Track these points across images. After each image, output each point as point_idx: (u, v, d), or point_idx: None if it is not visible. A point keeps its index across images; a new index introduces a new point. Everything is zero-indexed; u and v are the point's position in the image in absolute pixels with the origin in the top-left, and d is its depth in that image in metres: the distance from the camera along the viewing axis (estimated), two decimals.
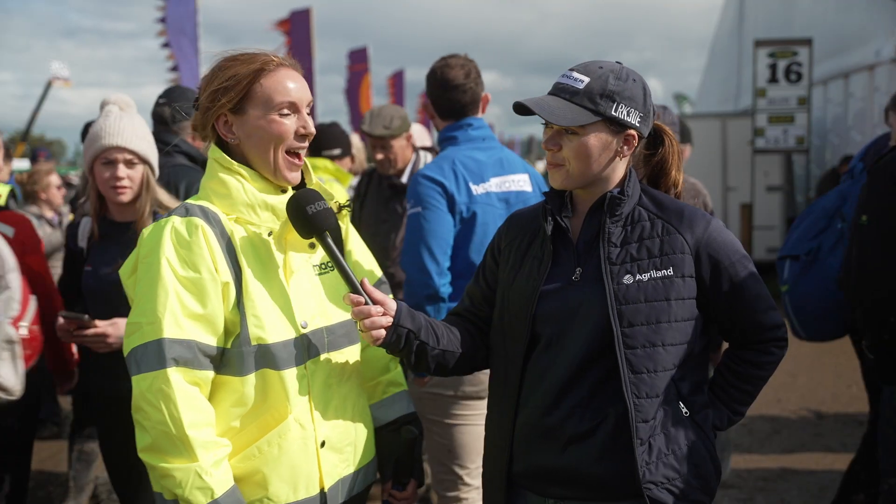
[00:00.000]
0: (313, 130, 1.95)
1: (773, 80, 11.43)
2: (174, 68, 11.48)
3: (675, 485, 1.90)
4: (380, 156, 4.25)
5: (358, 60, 18.16)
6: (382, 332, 1.93)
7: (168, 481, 1.77)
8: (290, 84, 1.91)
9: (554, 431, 1.95)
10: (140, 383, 1.78)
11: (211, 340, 1.84)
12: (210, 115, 1.92)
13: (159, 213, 2.91)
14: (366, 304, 1.92)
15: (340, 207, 2.05)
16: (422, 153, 4.36)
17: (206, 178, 1.98)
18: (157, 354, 1.77)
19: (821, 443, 5.61)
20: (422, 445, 2.18)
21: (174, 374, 1.77)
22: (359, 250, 2.22)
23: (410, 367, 2.08)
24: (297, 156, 1.94)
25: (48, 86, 15.58)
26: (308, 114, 1.95)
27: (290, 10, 13.52)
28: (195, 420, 1.77)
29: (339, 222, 2.05)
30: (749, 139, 11.94)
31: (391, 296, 2.11)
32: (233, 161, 1.93)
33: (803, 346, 2.13)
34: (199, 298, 1.82)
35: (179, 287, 1.81)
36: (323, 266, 2.03)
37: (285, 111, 1.90)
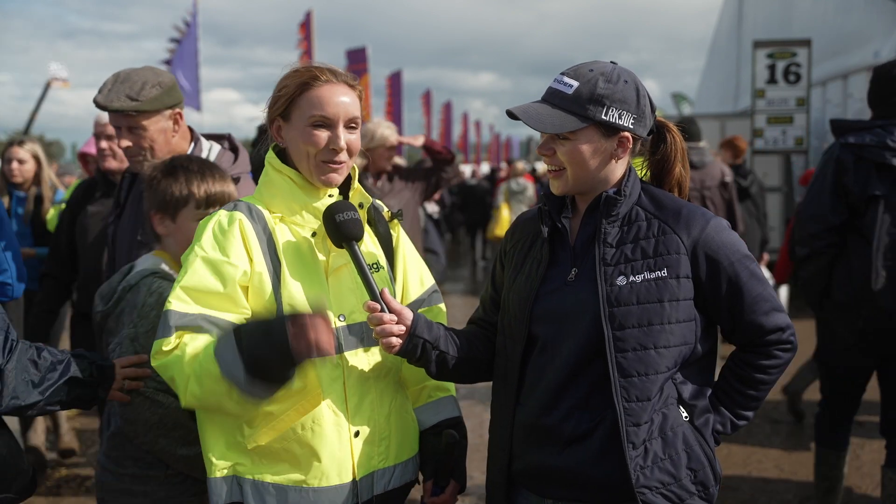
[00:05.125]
0: (342, 146, 2.03)
1: (771, 80, 11.43)
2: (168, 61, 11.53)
3: (671, 490, 1.89)
4: (125, 143, 2.80)
5: (357, 61, 18.17)
6: (394, 341, 1.97)
7: (203, 384, 1.86)
8: (331, 99, 2.01)
9: (552, 432, 1.94)
10: (153, 349, 1.96)
11: (227, 315, 1.96)
12: (268, 119, 2.08)
13: None
14: (381, 312, 1.96)
15: (393, 216, 2.24)
16: (206, 143, 2.97)
17: (261, 177, 2.13)
18: (164, 324, 1.95)
19: None
20: (465, 449, 2.22)
21: (174, 338, 1.93)
22: (410, 258, 2.28)
23: (432, 377, 2.12)
24: (332, 164, 2.03)
25: (47, 87, 15.61)
26: (351, 128, 2.05)
27: (303, 13, 13.58)
28: (198, 347, 1.91)
29: (391, 230, 2.23)
30: (748, 140, 11.95)
31: (442, 306, 2.27)
32: (283, 164, 2.07)
33: (801, 347, 2.12)
34: (221, 279, 1.96)
35: (204, 267, 1.96)
36: (369, 266, 2.10)
37: (318, 123, 2.01)
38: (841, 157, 3.64)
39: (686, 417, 1.94)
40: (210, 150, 2.93)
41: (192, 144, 2.92)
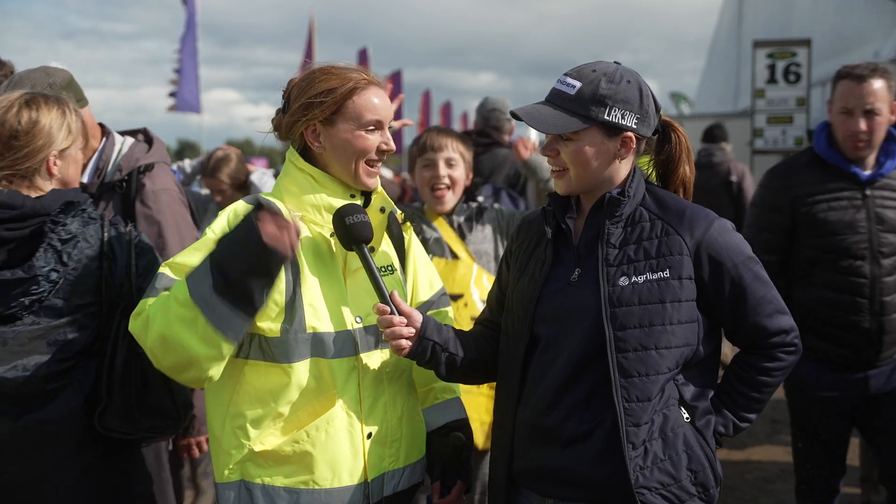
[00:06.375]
0: (393, 147, 2.10)
1: (771, 80, 11.43)
2: (176, 70, 11.54)
3: (671, 491, 1.89)
4: None
5: (359, 62, 18.26)
6: (404, 343, 1.98)
7: (169, 314, 1.82)
8: (377, 101, 2.06)
9: (552, 432, 1.94)
10: (138, 306, 1.95)
11: None
12: (300, 123, 2.05)
13: None
14: (391, 314, 1.96)
15: (406, 218, 2.25)
16: (120, 138, 2.95)
17: (280, 176, 2.13)
18: (152, 286, 1.95)
19: None
20: (470, 451, 2.23)
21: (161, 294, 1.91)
22: (421, 261, 2.29)
23: (441, 378, 2.13)
24: (376, 165, 2.09)
25: None
26: (389, 129, 2.11)
27: (304, 13, 13.71)
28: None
29: (403, 233, 2.24)
30: (748, 140, 11.95)
31: (450, 309, 2.27)
32: (306, 164, 2.07)
33: None
34: None
35: (205, 245, 1.92)
36: (383, 269, 2.12)
37: (371, 127, 2.05)
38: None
39: (687, 418, 1.94)
40: (123, 143, 2.91)
41: (104, 140, 2.88)
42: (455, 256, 3.09)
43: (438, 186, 3.06)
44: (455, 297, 2.97)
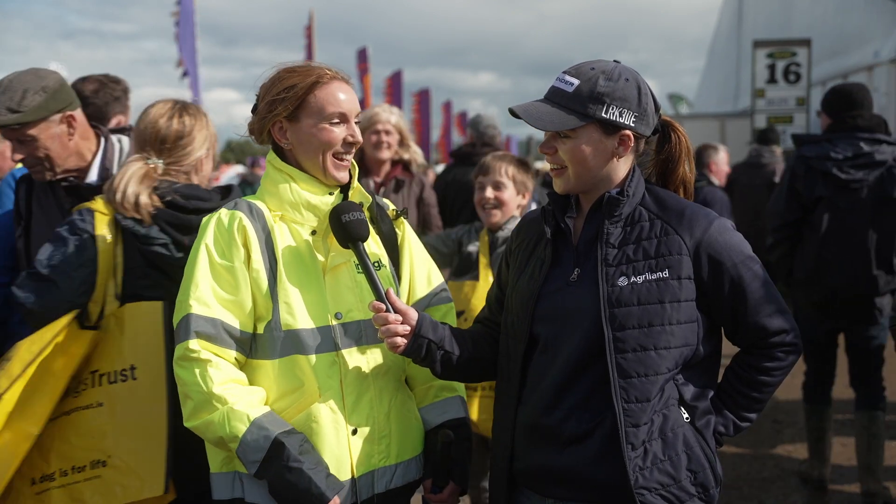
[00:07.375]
0: (360, 139, 2.12)
1: (771, 80, 11.44)
2: (185, 73, 11.55)
3: (671, 491, 1.89)
4: (18, 155, 2.63)
5: (359, 61, 18.25)
6: (399, 340, 1.99)
7: (211, 430, 1.95)
8: (341, 96, 2.08)
9: (552, 432, 1.94)
10: (176, 352, 2.00)
11: (236, 323, 2.02)
12: (267, 122, 2.09)
13: None
14: (387, 312, 1.97)
15: (398, 214, 2.26)
16: (114, 137, 2.88)
17: (262, 178, 2.17)
18: (186, 327, 1.98)
19: None
20: (467, 451, 2.21)
21: (196, 343, 1.97)
22: (417, 257, 2.29)
23: (437, 376, 2.13)
24: (344, 159, 2.11)
25: None
26: (356, 123, 2.12)
27: (304, 13, 13.77)
28: (222, 379, 1.96)
29: (395, 228, 2.24)
30: (748, 139, 11.96)
31: (451, 304, 2.28)
32: (283, 163, 2.11)
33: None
34: (230, 285, 2.01)
35: (214, 272, 2.01)
36: (372, 265, 2.11)
37: (335, 120, 2.07)
38: (795, 166, 4.43)
39: (687, 419, 1.93)
40: (121, 142, 2.87)
41: (103, 142, 2.83)
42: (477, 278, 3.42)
43: (485, 206, 3.43)
44: (458, 314, 3.13)
